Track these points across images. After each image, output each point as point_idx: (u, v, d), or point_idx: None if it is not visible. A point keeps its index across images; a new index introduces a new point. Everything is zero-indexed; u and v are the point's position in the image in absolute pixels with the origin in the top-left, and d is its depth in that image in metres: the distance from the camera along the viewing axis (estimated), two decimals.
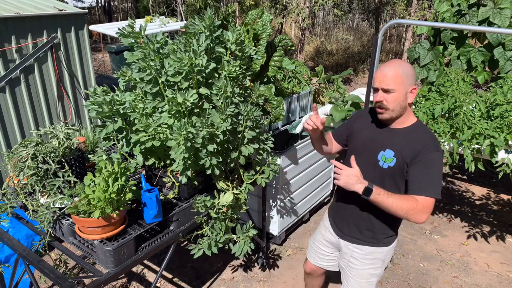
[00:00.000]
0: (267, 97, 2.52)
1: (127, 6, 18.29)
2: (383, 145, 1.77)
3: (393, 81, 1.66)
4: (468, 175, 4.80)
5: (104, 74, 9.94)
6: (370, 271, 1.97)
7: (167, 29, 6.58)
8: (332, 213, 2.12)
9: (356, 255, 1.97)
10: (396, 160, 1.73)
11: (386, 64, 1.72)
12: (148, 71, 2.00)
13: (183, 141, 1.83)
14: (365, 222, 1.89)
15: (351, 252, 1.99)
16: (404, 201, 1.63)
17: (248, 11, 10.64)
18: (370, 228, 1.89)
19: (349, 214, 1.95)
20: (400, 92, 1.67)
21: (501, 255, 3.37)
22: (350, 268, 2.01)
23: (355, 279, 2.00)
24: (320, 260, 2.24)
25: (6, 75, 3.44)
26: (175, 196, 2.21)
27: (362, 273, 1.98)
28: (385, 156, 1.76)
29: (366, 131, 1.88)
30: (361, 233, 1.92)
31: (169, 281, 3.05)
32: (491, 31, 3.34)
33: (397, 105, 1.70)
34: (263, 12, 2.63)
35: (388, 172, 1.76)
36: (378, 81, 1.70)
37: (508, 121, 2.62)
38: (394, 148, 1.74)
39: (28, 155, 1.98)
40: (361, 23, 16.18)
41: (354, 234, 1.95)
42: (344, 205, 1.97)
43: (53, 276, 1.74)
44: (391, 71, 1.67)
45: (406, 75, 1.68)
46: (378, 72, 1.72)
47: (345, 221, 1.99)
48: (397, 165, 1.73)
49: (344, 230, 2.00)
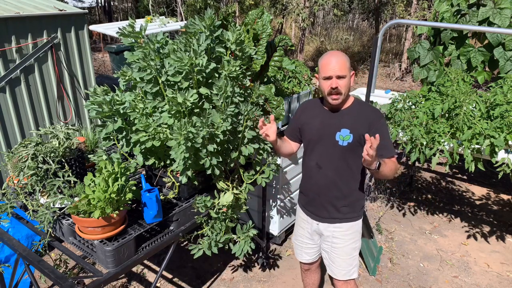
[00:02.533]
0: (267, 97, 2.52)
1: (127, 6, 18.29)
2: (337, 127, 1.95)
3: (344, 68, 1.85)
4: (468, 175, 4.80)
5: (104, 74, 9.94)
6: (352, 245, 2.12)
7: (167, 29, 6.58)
8: (304, 203, 2.22)
9: (337, 234, 2.10)
10: (353, 136, 1.93)
11: (331, 54, 1.89)
12: (148, 71, 2.00)
13: (183, 141, 1.83)
14: (340, 200, 2.04)
15: (332, 233, 2.11)
16: (392, 164, 1.88)
17: (248, 11, 10.64)
18: (346, 204, 2.05)
19: (324, 199, 2.07)
20: (348, 77, 1.89)
21: (501, 255, 3.37)
22: (334, 248, 2.13)
23: (341, 257, 2.13)
24: (307, 255, 2.32)
25: (6, 75, 3.44)
26: (175, 196, 2.21)
27: (346, 250, 2.11)
28: (342, 136, 1.94)
29: (316, 120, 2.03)
30: (339, 211, 2.06)
31: (169, 281, 3.05)
32: (491, 31, 3.34)
33: (347, 89, 1.91)
34: (263, 12, 2.63)
35: (348, 148, 1.95)
36: (331, 70, 1.85)
37: (508, 121, 2.62)
38: (348, 126, 1.93)
39: (28, 155, 1.98)
40: (361, 23, 16.18)
41: (333, 214, 2.08)
42: (317, 192, 2.09)
43: (53, 276, 1.74)
44: (340, 60, 1.85)
45: (349, 62, 1.90)
46: (326, 62, 1.87)
47: (321, 206, 2.10)
48: (355, 139, 1.93)
49: (322, 214, 2.11)
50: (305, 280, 2.50)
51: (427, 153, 2.83)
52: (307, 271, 2.44)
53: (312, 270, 2.43)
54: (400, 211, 4.05)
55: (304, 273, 2.47)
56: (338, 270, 2.15)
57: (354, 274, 2.17)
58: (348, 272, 2.14)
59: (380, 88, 5.10)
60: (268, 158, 2.32)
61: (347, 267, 2.13)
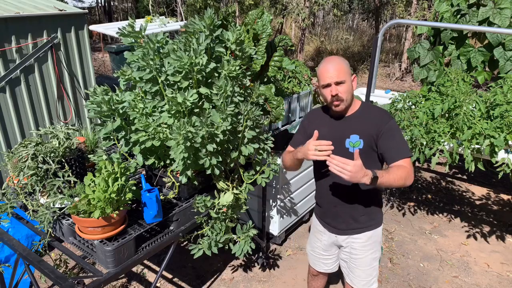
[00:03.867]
0: (267, 97, 2.52)
1: (127, 6, 18.29)
2: (346, 133, 1.88)
3: (342, 73, 1.79)
4: (468, 175, 4.80)
5: (104, 74, 9.94)
6: (372, 255, 2.05)
7: (167, 29, 6.58)
8: (321, 215, 2.15)
9: (356, 245, 2.04)
10: (363, 141, 1.85)
11: (328, 61, 1.83)
12: (148, 70, 1.99)
13: (183, 141, 1.82)
14: (358, 210, 1.97)
15: (350, 244, 2.05)
16: (398, 171, 1.73)
17: (248, 11, 10.64)
18: (364, 213, 1.98)
19: (341, 210, 2.00)
20: (348, 82, 1.81)
21: (501, 255, 3.37)
22: (353, 259, 2.07)
23: (360, 268, 2.07)
24: (325, 266, 2.26)
25: (6, 75, 3.44)
26: (175, 196, 2.20)
27: (366, 260, 2.05)
28: (352, 142, 1.87)
29: (323, 129, 1.91)
30: (358, 222, 1.99)
31: (169, 281, 3.05)
32: (491, 31, 3.34)
33: (349, 94, 1.83)
34: (263, 12, 2.63)
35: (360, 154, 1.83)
36: (329, 77, 1.79)
37: (508, 121, 2.61)
38: (357, 132, 1.86)
39: (28, 155, 1.98)
40: (361, 23, 16.18)
41: (351, 225, 2.01)
42: (333, 203, 2.01)
43: (53, 276, 1.74)
44: (337, 65, 1.79)
45: (347, 66, 1.83)
46: (323, 69, 1.81)
47: (339, 218, 2.03)
48: (366, 144, 1.85)
49: (340, 226, 2.05)
50: (312, 284, 2.47)
51: (426, 153, 2.83)
52: (315, 276, 2.39)
53: (320, 276, 2.38)
54: (400, 211, 4.05)
55: (312, 277, 2.43)
56: (357, 281, 2.09)
57: (374, 285, 2.10)
58: (368, 283, 2.08)
59: (380, 88, 5.11)
60: (268, 158, 2.32)
61: (367, 278, 2.07)
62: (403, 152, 1.81)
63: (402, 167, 1.76)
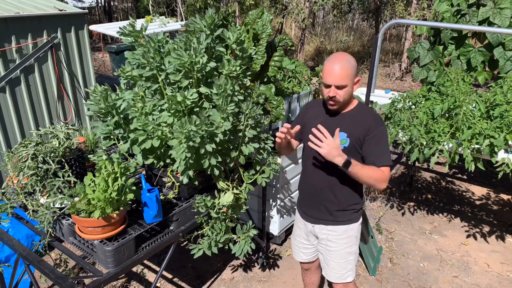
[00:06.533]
0: (267, 97, 2.52)
1: (127, 6, 18.29)
2: (335, 130, 1.89)
3: (345, 78, 1.80)
4: (468, 175, 4.80)
5: (104, 74, 9.94)
6: (347, 249, 2.09)
7: (167, 29, 6.59)
8: (300, 204, 2.22)
9: (331, 237, 2.08)
10: (349, 141, 1.90)
11: (334, 59, 1.82)
12: (148, 68, 1.99)
13: (185, 140, 1.82)
14: (333, 204, 2.03)
15: (326, 235, 2.10)
16: (374, 171, 1.83)
17: (248, 11, 10.63)
18: (338, 208, 2.03)
19: (318, 199, 2.06)
20: (349, 86, 1.84)
21: (501, 255, 3.37)
22: (328, 251, 2.12)
23: (335, 260, 2.11)
24: (304, 255, 2.32)
25: (6, 75, 3.44)
26: (175, 196, 2.20)
27: (340, 253, 2.10)
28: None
29: (316, 121, 1.96)
30: (332, 215, 2.05)
31: (169, 281, 3.05)
32: (491, 31, 3.34)
33: (347, 97, 1.87)
34: (263, 12, 2.63)
35: (344, 152, 1.88)
36: (331, 79, 1.81)
37: (508, 121, 2.62)
38: (346, 130, 1.90)
39: (28, 155, 1.98)
40: (361, 23, 16.17)
41: (326, 216, 2.07)
42: (311, 192, 2.08)
43: (53, 276, 1.74)
44: (342, 68, 1.79)
45: (353, 68, 1.83)
46: (328, 68, 1.81)
47: (315, 206, 2.09)
48: (351, 144, 1.90)
49: (316, 215, 2.10)
50: (305, 280, 2.51)
51: (426, 152, 2.83)
52: (307, 270, 2.45)
53: (312, 270, 2.43)
54: (400, 211, 4.05)
55: (304, 272, 2.48)
56: (331, 273, 2.15)
57: (348, 278, 2.14)
58: (342, 276, 2.13)
59: (380, 88, 5.10)
60: (268, 158, 2.32)
61: (341, 271, 2.12)
62: (384, 159, 1.88)
63: (380, 170, 1.85)
